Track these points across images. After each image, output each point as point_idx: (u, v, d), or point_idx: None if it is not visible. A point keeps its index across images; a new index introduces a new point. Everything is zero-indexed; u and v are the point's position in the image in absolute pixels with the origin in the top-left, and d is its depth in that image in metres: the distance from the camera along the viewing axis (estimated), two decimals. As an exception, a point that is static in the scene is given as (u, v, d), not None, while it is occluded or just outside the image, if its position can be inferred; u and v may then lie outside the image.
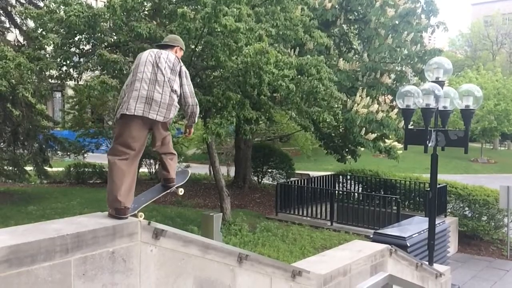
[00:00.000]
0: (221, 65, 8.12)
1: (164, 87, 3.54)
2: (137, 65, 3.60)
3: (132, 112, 3.42)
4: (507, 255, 11.91)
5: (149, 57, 3.61)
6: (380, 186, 14.26)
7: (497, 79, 34.17)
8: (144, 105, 3.45)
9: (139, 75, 3.53)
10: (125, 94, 3.57)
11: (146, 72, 3.53)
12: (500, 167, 33.48)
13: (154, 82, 3.52)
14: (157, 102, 3.49)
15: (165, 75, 3.57)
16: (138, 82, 3.50)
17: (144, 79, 3.51)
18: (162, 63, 3.59)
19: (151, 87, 3.50)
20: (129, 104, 3.44)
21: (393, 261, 6.44)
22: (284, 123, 18.40)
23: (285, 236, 9.98)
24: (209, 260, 3.84)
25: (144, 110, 3.44)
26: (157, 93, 3.50)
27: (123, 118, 3.47)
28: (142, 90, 3.47)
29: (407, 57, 12.79)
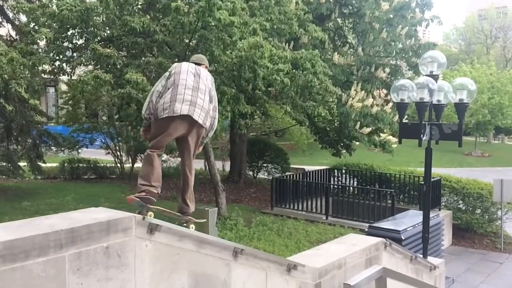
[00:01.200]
0: (216, 60, 8.08)
1: (205, 95, 3.95)
2: (178, 73, 3.94)
3: (178, 113, 3.77)
4: (501, 248, 12.01)
5: (189, 68, 4.01)
6: (375, 180, 14.32)
7: (491, 73, 34.30)
8: (189, 107, 3.80)
9: (182, 81, 3.88)
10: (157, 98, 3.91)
11: (189, 80, 3.91)
12: (494, 161, 33.67)
13: (197, 89, 3.91)
14: (199, 106, 3.87)
15: (206, 86, 4.00)
16: (182, 88, 3.85)
17: (188, 86, 3.87)
18: (203, 75, 4.03)
19: (194, 93, 3.88)
20: (175, 106, 3.78)
21: (387, 255, 6.47)
22: (279, 117, 18.40)
23: (280, 230, 10.00)
24: (204, 255, 3.84)
25: (189, 110, 3.80)
26: (200, 99, 3.89)
27: (165, 120, 3.81)
28: (187, 95, 3.83)
29: (402, 51, 12.80)
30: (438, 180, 12.61)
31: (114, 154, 16.79)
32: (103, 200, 11.46)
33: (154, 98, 3.97)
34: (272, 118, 18.54)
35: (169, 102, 3.82)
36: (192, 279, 3.72)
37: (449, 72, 33.14)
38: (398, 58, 13.13)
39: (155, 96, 3.97)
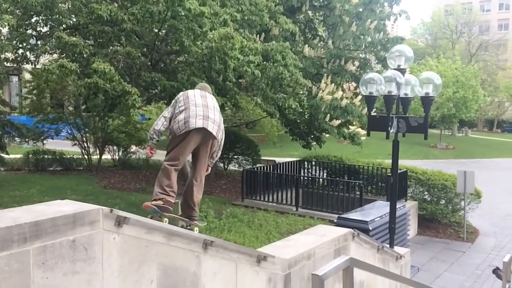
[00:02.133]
0: (186, 50, 8.00)
1: (214, 111, 4.42)
2: (187, 97, 4.40)
3: (194, 126, 4.19)
4: (464, 237, 12.42)
5: (196, 92, 4.53)
6: (344, 171, 14.53)
7: (456, 67, 35.25)
8: (203, 120, 4.24)
9: (192, 101, 4.34)
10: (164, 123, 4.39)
11: (197, 100, 4.38)
12: (458, 153, 34.75)
13: (206, 106, 4.37)
14: (211, 119, 4.32)
15: (214, 104, 4.49)
16: (193, 106, 4.31)
17: (198, 104, 4.34)
18: (209, 96, 4.55)
19: (205, 110, 4.34)
20: (189, 122, 4.20)
21: (355, 245, 6.59)
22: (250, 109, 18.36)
23: (251, 221, 10.04)
24: (173, 247, 3.81)
25: (203, 123, 4.24)
26: (211, 114, 4.36)
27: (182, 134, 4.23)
28: (199, 111, 4.28)
29: (371, 45, 12.96)
30: (404, 171, 12.91)
31: (81, 145, 16.42)
32: (70, 193, 11.21)
33: (160, 123, 4.43)
34: (243, 110, 18.49)
35: (183, 119, 4.24)
36: (161, 272, 3.69)
37: (416, 66, 33.87)
38: (367, 52, 13.30)
39: (161, 122, 4.43)
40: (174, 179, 4.32)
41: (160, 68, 9.38)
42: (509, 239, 12.68)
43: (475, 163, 28.70)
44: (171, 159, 4.32)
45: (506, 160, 32.86)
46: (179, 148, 4.27)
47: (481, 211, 14.44)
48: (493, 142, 42.54)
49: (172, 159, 4.31)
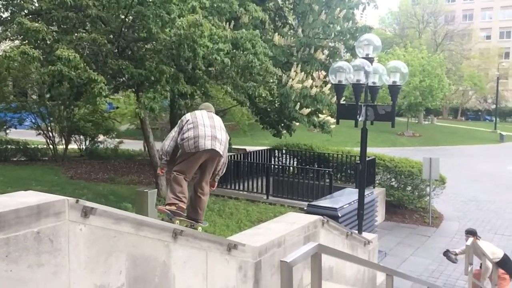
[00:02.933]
0: (153, 37, 7.84)
1: (221, 130, 4.81)
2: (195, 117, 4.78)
3: (203, 148, 4.59)
4: (429, 222, 12.80)
5: (203, 113, 4.88)
6: (314, 159, 14.68)
7: (422, 57, 35.97)
8: (211, 141, 4.64)
9: (201, 121, 4.72)
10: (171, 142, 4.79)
11: (205, 121, 4.75)
12: (424, 140, 35.65)
13: (214, 127, 4.76)
14: (219, 139, 4.72)
15: (220, 124, 4.87)
16: (202, 126, 4.68)
17: (206, 125, 4.70)
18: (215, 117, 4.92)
19: (213, 130, 4.72)
20: (199, 142, 4.59)
21: (325, 231, 6.69)
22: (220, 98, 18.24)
23: (221, 210, 10.04)
24: (142, 237, 3.76)
25: (212, 144, 4.63)
26: (218, 134, 4.75)
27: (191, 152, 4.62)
28: (207, 132, 4.66)
29: (340, 34, 13.05)
30: (373, 159, 13.14)
31: (45, 135, 15.98)
32: (35, 184, 10.92)
33: (167, 144, 4.85)
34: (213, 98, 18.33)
35: (193, 138, 4.62)
36: (130, 262, 3.65)
37: (384, 55, 34.37)
38: (337, 40, 13.39)
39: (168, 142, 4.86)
40: (185, 186, 4.74)
41: (127, 56, 9.18)
42: (472, 223, 13.14)
43: (440, 150, 29.52)
44: (180, 171, 4.76)
45: (470, 147, 33.96)
46: (188, 162, 4.72)
47: (446, 197, 14.90)
48: (458, 130, 43.85)
49: (181, 171, 4.75)
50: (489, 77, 54.49)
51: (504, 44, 64.46)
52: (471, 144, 35.68)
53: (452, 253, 8.33)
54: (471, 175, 21.51)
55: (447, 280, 9.09)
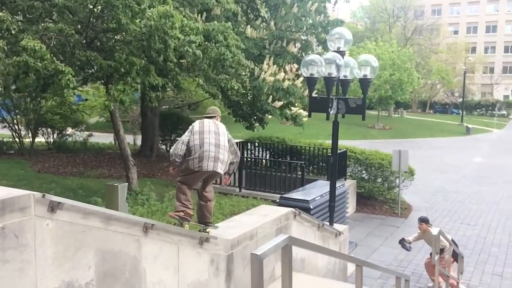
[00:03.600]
0: (123, 28, 7.67)
1: (224, 150, 5.09)
2: (203, 132, 5.07)
3: (206, 169, 4.96)
4: (398, 213, 13.08)
5: (210, 127, 5.15)
6: (286, 152, 14.75)
7: (392, 51, 36.56)
8: (214, 163, 4.97)
9: (206, 140, 5.01)
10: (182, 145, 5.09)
11: (211, 138, 5.04)
12: (394, 133, 36.36)
13: (218, 146, 5.04)
14: (221, 160, 5.04)
15: (225, 142, 5.15)
16: (207, 145, 4.98)
17: (211, 144, 5.00)
18: (221, 131, 5.18)
19: (217, 150, 5.02)
20: (202, 163, 4.95)
21: (297, 223, 6.75)
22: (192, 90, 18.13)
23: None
24: (112, 232, 3.71)
25: (214, 166, 4.98)
26: (221, 155, 5.04)
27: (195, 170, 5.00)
28: (211, 152, 4.97)
29: (312, 27, 13.09)
30: (344, 152, 13.31)
31: (11, 128, 15.51)
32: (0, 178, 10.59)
33: (179, 148, 5.11)
34: (185, 91, 18.23)
35: (197, 158, 4.96)
36: (99, 257, 3.60)
37: (356, 49, 34.77)
38: (309, 34, 13.44)
39: (179, 146, 5.11)
40: (189, 194, 5.19)
41: (96, 47, 8.96)
42: (439, 214, 13.51)
43: (409, 143, 30.17)
44: (184, 182, 5.17)
45: (438, 140, 34.83)
46: (191, 177, 5.12)
47: (414, 188, 15.26)
48: (426, 123, 44.89)
49: (185, 183, 5.17)
50: (456, 71, 55.92)
51: (471, 39, 66.24)
52: (439, 137, 36.60)
53: (406, 242, 8.59)
54: (438, 166, 22.08)
55: (415, 269, 9.33)
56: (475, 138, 36.74)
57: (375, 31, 52.79)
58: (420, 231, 8.38)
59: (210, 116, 5.44)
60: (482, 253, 10.32)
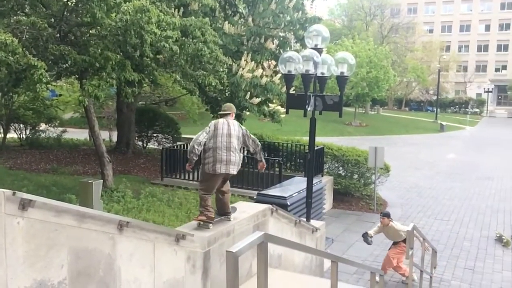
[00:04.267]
0: (98, 22, 7.53)
1: (236, 152, 5.44)
2: (216, 135, 5.39)
3: (219, 172, 5.39)
4: (374, 208, 13.26)
5: (224, 130, 5.42)
6: (264, 149, 14.71)
7: (369, 48, 36.94)
8: (226, 166, 5.38)
9: (219, 144, 5.35)
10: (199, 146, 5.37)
11: (223, 142, 5.37)
12: (371, 130, 36.82)
13: (229, 149, 5.38)
14: (233, 162, 5.43)
15: (237, 143, 5.47)
16: (219, 150, 5.34)
17: (222, 148, 5.35)
18: (233, 135, 5.45)
19: (228, 153, 5.37)
20: (215, 166, 5.36)
21: (274, 220, 6.77)
22: (169, 86, 17.93)
23: (170, 200, 9.91)
24: (86, 230, 3.64)
25: (226, 169, 5.40)
26: (233, 157, 5.42)
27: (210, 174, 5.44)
28: (223, 156, 5.35)
29: (290, 24, 13.13)
30: (321, 148, 13.40)
31: (-18, 124, 15.10)
32: (-30, 175, 10.30)
33: (196, 147, 5.38)
34: (162, 86, 18.04)
35: (211, 163, 5.36)
36: (73, 256, 3.53)
37: (333, 46, 34.99)
38: (287, 30, 13.48)
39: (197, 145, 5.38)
40: (210, 200, 5.58)
41: (70, 41, 8.78)
42: (414, 209, 13.76)
43: (385, 140, 30.61)
44: (205, 190, 5.59)
45: (413, 137, 35.43)
46: (209, 183, 5.55)
47: (390, 184, 15.50)
48: (402, 120, 45.58)
49: (205, 190, 5.59)
50: (431, 69, 56.92)
51: (445, 38, 67.57)
52: (414, 134, 37.23)
53: (369, 236, 8.78)
54: (413, 163, 22.47)
55: (390, 264, 9.47)
56: (448, 135, 37.52)
57: (352, 29, 53.24)
58: (381, 225, 8.60)
59: (225, 114, 5.70)
60: (454, 248, 10.56)
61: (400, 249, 8.26)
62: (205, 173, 5.50)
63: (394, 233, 8.41)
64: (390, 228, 8.38)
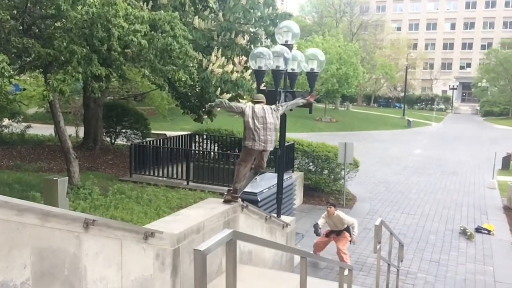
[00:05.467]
0: (63, 15, 7.30)
1: (272, 131, 6.18)
2: (255, 117, 6.09)
3: (257, 149, 6.14)
4: (343, 203, 13.44)
5: (261, 113, 6.14)
6: (235, 145, 14.73)
7: (339, 45, 37.36)
8: (264, 144, 6.13)
9: (258, 125, 6.08)
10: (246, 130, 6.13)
11: (261, 123, 6.10)
12: (341, 126, 37.30)
13: (267, 129, 6.12)
14: (270, 140, 6.18)
15: (274, 124, 6.19)
16: (259, 130, 6.08)
17: (261, 129, 6.10)
18: (269, 117, 6.16)
19: (265, 133, 6.12)
20: (255, 142, 6.09)
21: (244, 216, 6.76)
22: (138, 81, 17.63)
23: (139, 197, 9.75)
24: (49, 228, 3.54)
25: (264, 145, 6.15)
26: (269, 136, 6.16)
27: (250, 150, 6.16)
28: (262, 136, 6.10)
29: (260, 19, 13.09)
30: (291, 144, 13.47)
31: None
32: None
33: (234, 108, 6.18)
34: (130, 81, 17.71)
35: (251, 140, 6.09)
36: (36, 255, 3.42)
37: (304, 42, 35.21)
38: (257, 26, 13.43)
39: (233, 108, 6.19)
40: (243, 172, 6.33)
41: (34, 34, 8.50)
42: (382, 204, 14.03)
43: (354, 135, 31.07)
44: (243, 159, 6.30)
45: (381, 132, 36.10)
46: (248, 155, 6.21)
47: (359, 180, 15.74)
48: (370, 116, 46.38)
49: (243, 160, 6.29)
50: (399, 66, 58.06)
51: (413, 36, 69.09)
52: (382, 130, 37.94)
53: (319, 226, 9.09)
54: (382, 158, 22.90)
55: (358, 258, 9.63)
56: (415, 131, 38.40)
57: (323, 26, 53.68)
58: (327, 213, 9.04)
59: (259, 101, 6.30)
60: (421, 241, 10.82)
61: (345, 239, 8.92)
62: (246, 148, 6.21)
63: (339, 222, 8.94)
64: (335, 217, 8.91)
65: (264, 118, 6.14)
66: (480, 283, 8.64)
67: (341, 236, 8.97)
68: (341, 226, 8.96)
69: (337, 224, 8.98)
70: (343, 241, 8.91)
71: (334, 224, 9.03)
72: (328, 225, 9.18)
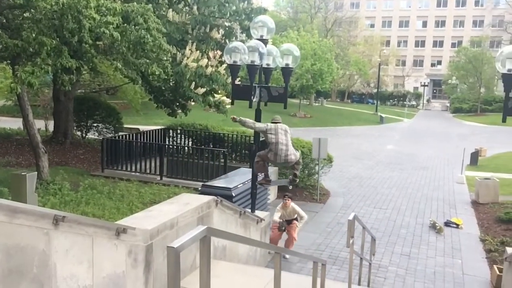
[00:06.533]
0: (32, 5, 7.08)
1: (291, 145, 6.84)
2: (277, 133, 6.77)
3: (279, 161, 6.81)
4: (317, 198, 13.55)
5: (281, 130, 6.83)
6: (209, 139, 14.66)
7: (314, 41, 37.57)
8: (285, 157, 6.75)
9: (281, 141, 6.74)
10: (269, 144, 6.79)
11: (283, 138, 6.78)
12: (315, 121, 37.59)
13: (287, 143, 6.79)
14: (290, 154, 6.75)
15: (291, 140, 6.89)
16: (281, 145, 6.72)
17: (283, 143, 6.74)
18: (288, 133, 6.91)
19: (286, 147, 6.76)
20: (277, 157, 6.74)
21: (218, 211, 6.72)
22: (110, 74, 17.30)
23: (111, 193, 9.60)
24: (17, 225, 3.44)
25: (285, 160, 6.77)
26: (290, 149, 6.79)
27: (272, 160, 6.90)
28: (284, 149, 6.72)
29: (235, 13, 13.01)
30: (266, 139, 13.46)
31: None
32: None
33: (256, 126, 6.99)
34: (102, 74, 17.37)
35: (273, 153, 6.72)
36: (3, 253, 3.32)
37: (279, 37, 35.25)
38: (232, 20, 13.35)
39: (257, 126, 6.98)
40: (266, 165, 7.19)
41: (1, 24, 8.22)
42: (355, 198, 14.22)
43: (329, 131, 31.37)
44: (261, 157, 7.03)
45: (354, 128, 36.57)
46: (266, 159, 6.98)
47: (332, 175, 15.90)
48: (344, 112, 46.89)
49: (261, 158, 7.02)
50: (372, 63, 58.88)
51: (386, 33, 70.12)
52: (355, 125, 38.44)
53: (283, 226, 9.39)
54: (355, 154, 23.20)
55: (331, 252, 9.73)
56: (388, 127, 39.06)
57: (298, 21, 53.90)
58: (282, 205, 9.34)
59: (278, 122, 6.99)
60: (392, 235, 11.02)
61: (295, 226, 9.41)
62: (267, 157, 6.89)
63: (292, 212, 9.33)
64: (290, 208, 9.31)
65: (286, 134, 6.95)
66: (449, 276, 8.86)
67: (292, 226, 9.38)
68: (293, 216, 9.40)
69: (290, 215, 9.41)
70: (294, 228, 9.38)
71: (287, 215, 9.40)
72: (282, 215, 9.48)
